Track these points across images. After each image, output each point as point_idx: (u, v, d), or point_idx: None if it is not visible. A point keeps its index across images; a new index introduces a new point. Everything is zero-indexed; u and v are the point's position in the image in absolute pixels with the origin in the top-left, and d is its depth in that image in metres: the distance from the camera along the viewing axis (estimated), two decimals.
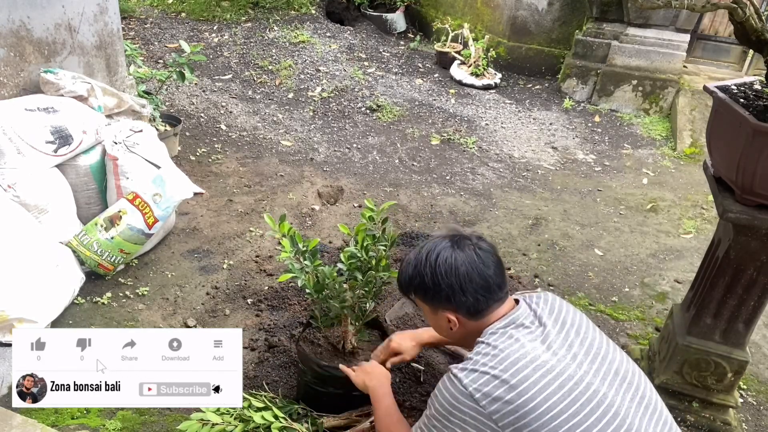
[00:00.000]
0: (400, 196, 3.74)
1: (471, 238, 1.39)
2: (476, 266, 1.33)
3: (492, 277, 1.35)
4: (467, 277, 1.32)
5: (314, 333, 2.01)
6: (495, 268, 1.36)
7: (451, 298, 1.35)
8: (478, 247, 1.37)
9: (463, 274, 1.32)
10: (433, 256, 1.36)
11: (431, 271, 1.35)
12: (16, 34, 2.67)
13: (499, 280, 1.36)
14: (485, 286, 1.34)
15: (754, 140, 1.60)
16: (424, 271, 1.36)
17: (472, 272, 1.33)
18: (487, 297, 1.34)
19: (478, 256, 1.35)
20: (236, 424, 1.76)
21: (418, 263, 1.38)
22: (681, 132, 4.91)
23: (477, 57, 5.75)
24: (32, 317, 2.22)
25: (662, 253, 3.39)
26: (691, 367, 2.02)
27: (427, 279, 1.36)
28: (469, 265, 1.33)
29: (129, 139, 2.79)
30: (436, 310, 1.41)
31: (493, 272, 1.35)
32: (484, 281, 1.34)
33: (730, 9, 1.70)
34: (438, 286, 1.34)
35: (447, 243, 1.37)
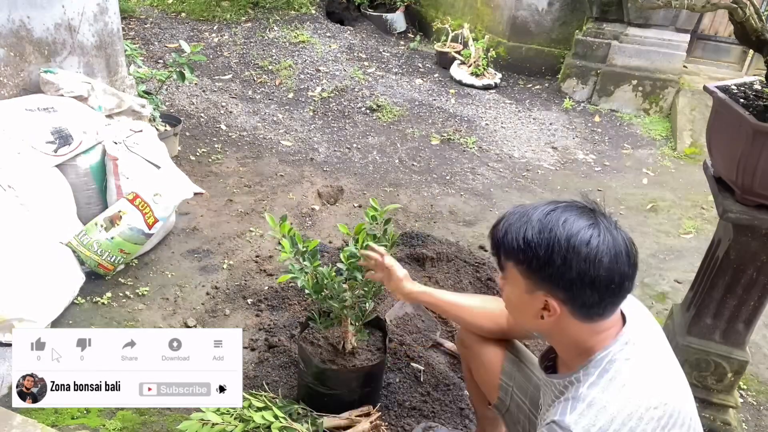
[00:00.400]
0: (400, 196, 3.74)
1: (611, 218, 1.11)
2: (621, 260, 1.05)
3: (631, 276, 1.08)
4: (608, 272, 1.04)
5: (314, 333, 2.01)
6: (635, 264, 1.09)
7: (573, 287, 1.05)
8: (624, 234, 1.09)
9: (605, 266, 1.03)
10: (573, 228, 1.05)
11: (567, 246, 1.03)
12: (16, 34, 2.67)
13: (633, 282, 1.10)
14: (618, 288, 1.06)
15: (754, 140, 1.60)
16: (555, 242, 1.04)
17: (615, 268, 1.04)
18: (614, 302, 1.09)
19: (625, 245, 1.07)
20: (236, 424, 1.76)
21: (550, 229, 1.06)
22: (681, 132, 4.91)
23: (477, 57, 5.75)
24: (32, 317, 2.22)
25: (662, 253, 3.39)
26: (691, 367, 2.02)
27: (556, 253, 1.04)
28: (615, 256, 1.04)
29: (129, 139, 2.79)
30: (534, 290, 1.10)
31: (632, 271, 1.08)
32: (620, 282, 1.06)
33: (730, 9, 1.70)
34: (567, 268, 1.03)
35: (586, 217, 1.07)
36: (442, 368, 2.26)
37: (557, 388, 1.18)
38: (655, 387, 1.07)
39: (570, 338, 1.13)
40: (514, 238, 1.09)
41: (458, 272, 2.86)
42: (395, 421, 2.03)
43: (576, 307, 1.08)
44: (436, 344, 2.43)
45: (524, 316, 1.17)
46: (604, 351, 1.10)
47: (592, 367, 1.09)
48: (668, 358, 1.18)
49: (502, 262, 1.14)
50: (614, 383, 1.05)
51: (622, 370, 1.07)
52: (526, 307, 1.13)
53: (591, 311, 1.08)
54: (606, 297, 1.06)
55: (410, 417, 2.05)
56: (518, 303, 1.16)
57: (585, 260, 1.03)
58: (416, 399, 2.10)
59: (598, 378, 1.07)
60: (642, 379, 1.07)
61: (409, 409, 2.07)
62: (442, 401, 2.11)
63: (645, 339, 1.15)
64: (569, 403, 1.06)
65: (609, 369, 1.07)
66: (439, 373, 2.23)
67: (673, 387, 1.11)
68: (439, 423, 2.02)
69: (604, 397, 1.04)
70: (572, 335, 1.12)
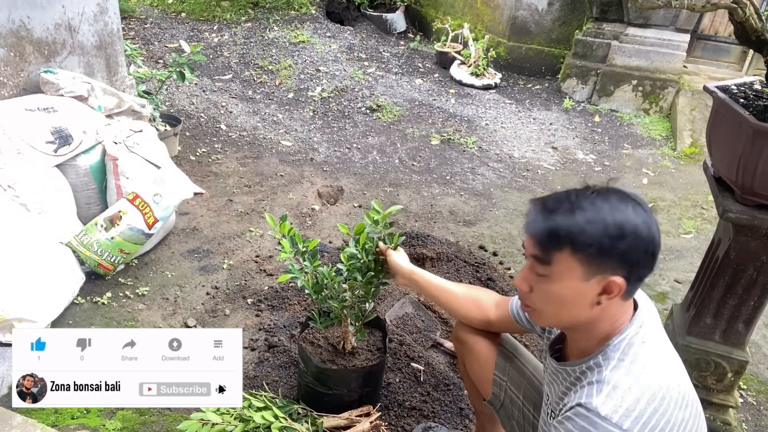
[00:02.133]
0: (400, 196, 3.74)
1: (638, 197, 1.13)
2: (658, 242, 1.08)
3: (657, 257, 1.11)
4: (658, 245, 1.08)
5: (314, 333, 2.01)
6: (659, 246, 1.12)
7: (639, 261, 1.07)
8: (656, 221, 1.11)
9: (656, 240, 1.07)
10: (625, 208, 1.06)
11: (633, 227, 1.04)
12: (16, 34, 2.67)
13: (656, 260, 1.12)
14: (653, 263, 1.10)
15: (754, 140, 1.60)
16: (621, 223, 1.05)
17: (659, 241, 1.08)
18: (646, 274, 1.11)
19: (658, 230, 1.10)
20: (236, 424, 1.76)
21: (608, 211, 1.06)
22: (681, 132, 4.91)
23: (477, 57, 5.75)
24: (32, 317, 2.22)
25: (662, 253, 3.37)
26: (691, 367, 2.02)
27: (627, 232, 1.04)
28: (657, 230, 1.08)
29: (129, 139, 2.80)
30: (594, 275, 1.07)
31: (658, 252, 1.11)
32: (655, 258, 1.09)
33: (730, 9, 1.70)
34: (637, 244, 1.05)
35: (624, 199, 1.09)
36: (442, 368, 2.26)
37: (572, 375, 1.18)
38: (670, 368, 1.11)
39: (602, 324, 1.13)
40: (573, 225, 1.05)
41: (458, 272, 2.86)
42: (395, 421, 2.03)
43: (632, 282, 1.08)
44: (436, 344, 2.43)
45: (572, 309, 1.12)
46: (621, 335, 1.11)
47: (611, 351, 1.10)
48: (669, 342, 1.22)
49: (552, 255, 1.08)
50: (635, 366, 1.07)
51: (640, 353, 1.09)
52: (581, 296, 1.10)
53: (638, 285, 1.11)
54: (648, 273, 1.10)
55: (410, 417, 2.05)
56: (569, 295, 1.10)
57: (647, 235, 1.05)
58: (416, 399, 2.10)
59: (619, 362, 1.08)
60: (659, 361, 1.10)
61: (409, 409, 2.07)
62: (442, 401, 2.11)
63: (653, 322, 1.18)
64: (594, 387, 1.06)
65: (628, 352, 1.09)
66: (439, 373, 2.23)
67: (681, 368, 1.15)
68: (439, 423, 2.02)
69: (627, 380, 1.05)
70: (607, 319, 1.13)
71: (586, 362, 1.14)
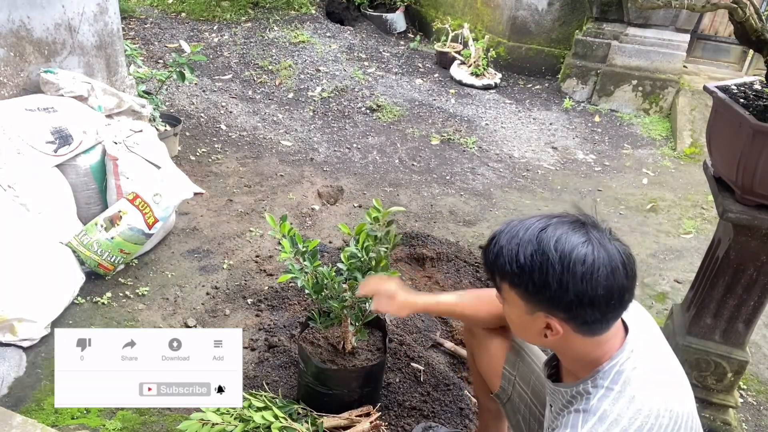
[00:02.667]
0: (400, 196, 3.74)
1: (604, 230, 1.07)
2: (618, 275, 1.01)
3: (630, 289, 1.05)
4: (606, 290, 1.01)
5: (314, 333, 2.01)
6: (634, 275, 1.05)
7: (572, 307, 1.03)
8: (620, 246, 1.04)
9: (603, 284, 1.00)
10: (566, 246, 1.01)
11: (562, 269, 1.00)
12: (16, 34, 2.67)
13: (633, 292, 1.06)
14: (619, 302, 1.04)
15: (754, 140, 1.60)
16: (549, 265, 1.01)
17: (613, 284, 1.01)
18: (615, 315, 1.07)
19: (621, 259, 1.03)
20: (236, 424, 1.76)
21: (542, 252, 1.02)
22: (681, 132, 4.91)
23: (477, 57, 5.75)
24: (32, 317, 2.22)
25: (662, 253, 3.39)
26: (691, 367, 2.02)
27: (551, 277, 1.01)
28: (612, 272, 1.01)
29: (129, 139, 2.79)
30: (534, 311, 1.08)
31: (631, 283, 1.04)
32: (620, 295, 1.03)
33: (730, 9, 1.70)
34: (564, 289, 1.01)
35: (580, 232, 1.03)
36: (442, 368, 2.26)
37: (565, 397, 1.18)
38: (662, 394, 1.08)
39: (576, 352, 1.13)
40: (507, 262, 1.06)
41: (458, 272, 2.86)
42: (395, 421, 2.03)
43: (578, 325, 1.06)
44: (436, 344, 2.43)
45: (527, 334, 1.17)
46: (611, 361, 1.09)
47: (601, 379, 1.09)
48: (669, 360, 1.18)
49: (498, 284, 1.12)
50: (624, 395, 1.05)
51: (630, 381, 1.07)
52: (529, 326, 1.12)
53: (593, 327, 1.07)
54: (607, 313, 1.05)
55: (410, 417, 2.05)
56: (520, 322, 1.14)
57: (582, 281, 1.00)
58: (416, 399, 2.10)
59: (608, 390, 1.07)
60: (649, 388, 1.07)
61: (409, 409, 2.07)
62: (442, 401, 2.11)
63: (648, 344, 1.15)
64: (580, 416, 1.06)
65: (618, 380, 1.07)
66: (439, 373, 2.23)
67: (676, 391, 1.11)
68: (439, 423, 2.02)
69: (615, 410, 1.04)
70: (578, 349, 1.12)
71: (576, 386, 1.14)
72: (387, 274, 1.79)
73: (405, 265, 2.88)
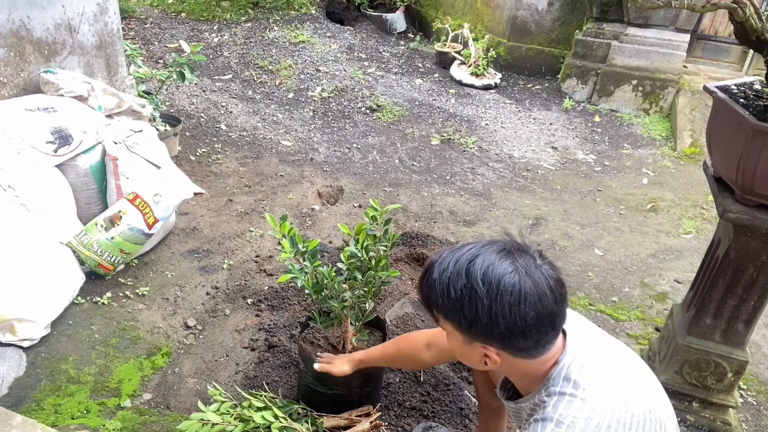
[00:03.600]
0: (400, 196, 3.74)
1: (532, 254, 1.07)
2: (547, 301, 1.02)
3: (560, 314, 1.06)
4: (536, 318, 1.02)
5: (314, 333, 2.01)
6: (563, 299, 1.06)
7: (505, 338, 1.04)
8: (547, 272, 1.05)
9: (531, 315, 1.01)
10: (493, 278, 1.02)
11: (490, 303, 1.01)
12: (16, 34, 2.67)
13: (564, 315, 1.08)
14: (551, 326, 1.06)
15: (754, 140, 1.60)
16: (478, 299, 1.02)
17: (542, 311, 1.02)
18: (549, 339, 1.08)
19: (548, 285, 1.03)
20: (236, 424, 1.76)
21: (471, 285, 1.03)
22: (681, 132, 4.91)
23: (477, 57, 5.76)
24: (32, 317, 2.22)
25: (662, 253, 3.39)
26: (691, 367, 2.02)
27: (481, 311, 1.02)
28: (540, 300, 1.02)
29: (129, 139, 2.80)
30: (471, 342, 1.10)
31: (560, 307, 1.06)
32: (551, 321, 1.05)
33: (730, 9, 1.70)
34: (494, 322, 1.02)
35: (507, 261, 1.04)
36: (442, 368, 2.26)
37: (525, 411, 1.20)
38: (615, 391, 1.08)
39: (521, 372, 1.15)
40: (439, 296, 1.07)
41: None
42: (395, 421, 2.03)
43: (514, 352, 1.09)
44: None
45: (471, 362, 1.18)
46: (557, 366, 1.11)
47: (552, 386, 1.11)
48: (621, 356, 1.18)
49: (435, 316, 1.14)
50: (576, 398, 1.06)
51: (580, 382, 1.08)
52: (469, 355, 1.15)
53: (531, 352, 1.09)
54: (540, 339, 1.06)
55: (410, 417, 2.05)
56: (461, 352, 1.16)
57: (510, 312, 1.01)
58: (416, 399, 2.10)
59: (560, 396, 1.08)
60: (600, 387, 1.08)
61: (409, 409, 2.07)
62: (442, 401, 2.11)
63: (591, 344, 1.16)
64: (539, 425, 1.07)
65: (567, 384, 1.09)
66: (439, 373, 2.23)
67: (633, 386, 1.11)
68: (439, 423, 2.02)
69: (569, 413, 1.05)
70: (522, 370, 1.14)
71: (532, 399, 1.16)
72: (387, 274, 1.79)
73: (405, 265, 2.89)
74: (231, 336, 2.43)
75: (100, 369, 2.19)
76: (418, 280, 1.16)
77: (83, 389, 2.09)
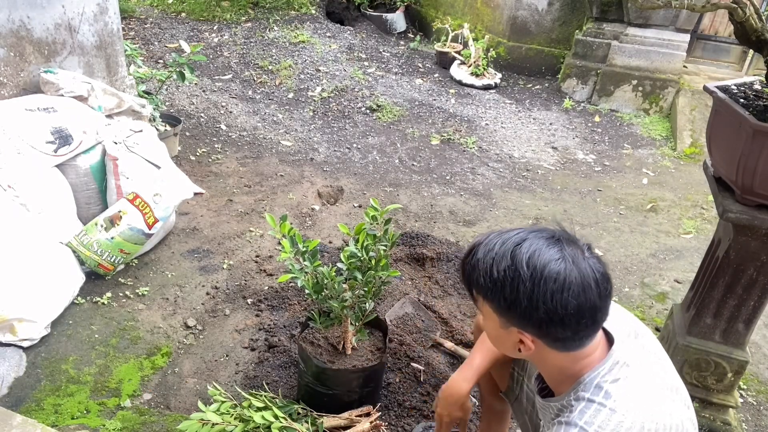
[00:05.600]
0: (400, 196, 3.74)
1: (581, 246, 1.05)
2: (591, 293, 1.00)
3: (603, 309, 1.03)
4: (577, 309, 0.99)
5: (314, 333, 2.01)
6: (607, 295, 1.03)
7: (543, 324, 1.02)
8: (594, 264, 1.03)
9: (573, 304, 0.99)
10: (539, 263, 1.00)
11: (533, 286, 0.99)
12: (16, 34, 2.67)
13: (607, 311, 1.05)
14: (591, 321, 1.03)
15: (754, 140, 1.60)
16: (520, 282, 1.00)
17: (584, 303, 0.99)
18: (588, 334, 1.05)
19: (594, 277, 1.01)
20: (236, 424, 1.76)
21: (515, 266, 1.01)
22: (681, 132, 4.91)
23: (477, 57, 5.75)
24: (32, 317, 2.22)
25: (662, 253, 3.39)
26: (691, 367, 2.02)
27: (522, 294, 1.00)
28: (584, 291, 0.99)
29: (129, 139, 2.80)
30: (508, 326, 1.08)
31: (604, 303, 1.03)
32: (592, 314, 1.01)
33: (730, 9, 1.70)
34: (534, 307, 1.00)
35: (555, 249, 1.02)
36: (442, 368, 2.26)
37: (553, 411, 1.19)
38: (647, 407, 1.06)
39: (553, 366, 1.13)
40: (482, 276, 1.06)
41: (458, 272, 2.86)
42: (395, 421, 2.03)
43: (550, 342, 1.06)
44: (436, 344, 2.43)
45: (503, 347, 1.17)
46: (592, 373, 1.09)
47: (582, 391, 1.09)
48: (660, 372, 1.16)
49: (474, 296, 1.12)
50: (605, 407, 1.05)
51: (611, 393, 1.06)
52: (504, 339, 1.13)
53: (567, 344, 1.06)
54: (579, 331, 1.04)
55: (410, 417, 2.05)
56: (496, 335, 1.15)
57: (552, 299, 0.99)
58: (416, 399, 2.10)
59: (589, 402, 1.06)
60: (633, 402, 1.06)
61: (409, 409, 2.07)
62: None
63: (635, 356, 1.13)
64: (563, 428, 1.06)
65: (598, 393, 1.07)
66: (439, 373, 2.23)
67: (665, 403, 1.10)
68: None
69: (595, 422, 1.03)
70: (555, 364, 1.12)
71: (561, 400, 1.14)
72: (387, 274, 1.79)
73: (405, 265, 2.89)
74: (231, 336, 2.43)
75: (100, 369, 2.19)
76: (461, 261, 1.15)
77: (83, 389, 2.09)
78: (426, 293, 2.71)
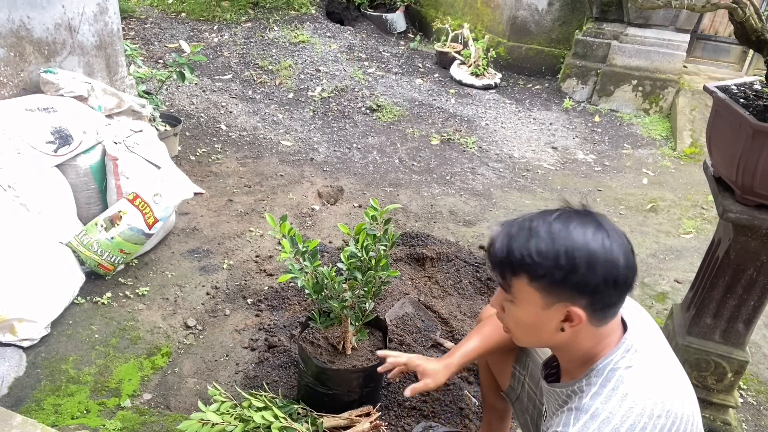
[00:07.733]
0: (400, 196, 3.74)
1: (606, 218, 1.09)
2: (630, 258, 1.05)
3: (632, 282, 1.07)
4: (625, 270, 1.03)
5: (314, 333, 2.01)
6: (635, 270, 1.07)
7: (599, 289, 1.02)
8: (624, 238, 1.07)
9: (622, 265, 1.03)
10: (585, 233, 1.02)
11: (588, 253, 1.00)
12: (16, 34, 2.67)
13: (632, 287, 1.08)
14: (631, 285, 1.06)
15: (754, 140, 1.60)
16: (574, 251, 1.01)
17: (629, 265, 1.04)
18: (624, 299, 1.09)
19: (629, 244, 1.06)
20: (236, 424, 1.76)
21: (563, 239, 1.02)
22: (681, 132, 4.91)
23: (477, 57, 5.75)
24: (32, 317, 2.22)
25: (662, 253, 3.39)
26: (691, 367, 2.02)
27: (579, 260, 1.01)
28: (626, 255, 1.04)
29: (129, 139, 2.80)
30: (554, 303, 1.06)
31: (632, 276, 1.07)
32: (633, 278, 1.06)
33: (730, 9, 1.70)
34: (592, 272, 1.01)
35: (589, 222, 1.05)
36: None
37: (560, 396, 1.18)
38: (658, 395, 1.06)
39: (579, 348, 1.12)
40: (526, 254, 1.03)
41: (458, 272, 2.86)
42: (395, 421, 2.03)
43: (596, 311, 1.06)
44: (436, 344, 2.43)
45: (540, 333, 1.13)
46: (606, 359, 1.09)
47: (594, 377, 1.09)
48: (670, 361, 1.17)
49: (509, 282, 1.08)
50: (616, 393, 1.05)
51: (624, 379, 1.06)
52: (544, 323, 1.10)
53: (608, 312, 1.07)
54: (623, 293, 1.06)
55: (410, 417, 2.05)
56: (533, 321, 1.11)
57: (607, 261, 1.01)
58: (416, 399, 2.10)
59: (601, 388, 1.07)
60: (645, 388, 1.06)
61: (409, 409, 2.07)
62: (442, 401, 2.11)
63: (646, 344, 1.14)
64: (572, 414, 1.05)
65: (611, 378, 1.07)
66: None
67: (675, 392, 1.10)
68: (439, 423, 2.03)
69: (606, 408, 1.03)
70: (583, 344, 1.11)
71: (571, 386, 1.14)
72: (387, 274, 1.79)
73: (405, 265, 2.89)
74: (231, 336, 2.43)
75: (100, 369, 2.19)
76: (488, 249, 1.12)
77: (83, 389, 2.09)
78: (426, 293, 2.71)
